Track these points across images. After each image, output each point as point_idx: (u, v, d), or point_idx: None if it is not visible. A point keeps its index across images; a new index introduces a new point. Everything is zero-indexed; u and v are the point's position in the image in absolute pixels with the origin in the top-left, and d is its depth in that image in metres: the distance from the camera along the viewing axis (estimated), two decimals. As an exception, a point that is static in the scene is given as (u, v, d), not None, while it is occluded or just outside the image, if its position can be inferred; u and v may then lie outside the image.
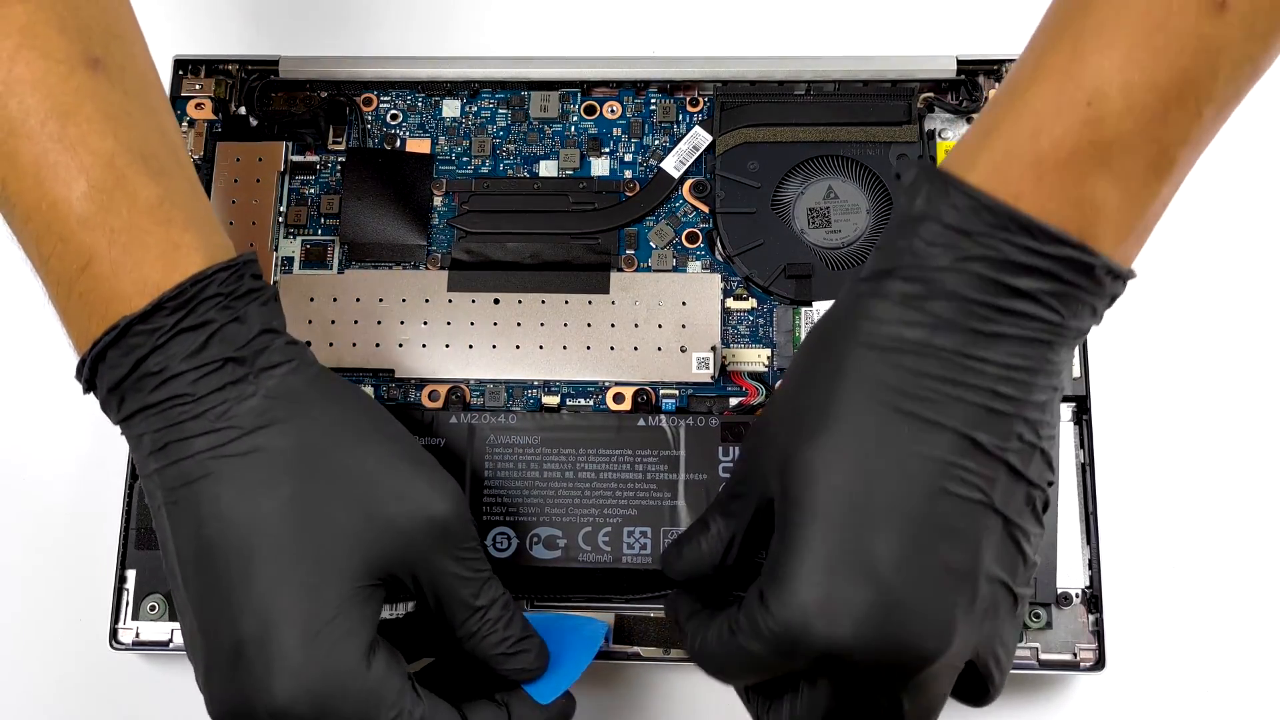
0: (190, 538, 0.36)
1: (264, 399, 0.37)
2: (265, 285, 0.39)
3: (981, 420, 0.33)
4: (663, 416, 0.47)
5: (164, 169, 0.37)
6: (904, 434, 0.33)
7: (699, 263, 0.50)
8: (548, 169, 0.51)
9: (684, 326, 0.48)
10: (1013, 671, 0.45)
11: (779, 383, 0.38)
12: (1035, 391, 0.33)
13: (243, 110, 0.52)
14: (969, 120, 0.50)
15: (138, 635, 0.46)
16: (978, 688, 0.37)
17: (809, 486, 0.34)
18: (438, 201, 0.51)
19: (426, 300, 0.49)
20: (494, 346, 0.48)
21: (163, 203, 0.37)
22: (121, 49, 0.38)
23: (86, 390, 0.38)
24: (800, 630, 0.33)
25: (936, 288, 0.33)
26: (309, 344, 0.40)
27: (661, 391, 0.48)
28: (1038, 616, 0.45)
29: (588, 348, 0.48)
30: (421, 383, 0.48)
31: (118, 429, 0.38)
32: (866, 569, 0.33)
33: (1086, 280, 0.33)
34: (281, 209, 0.51)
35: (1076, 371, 0.47)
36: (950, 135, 0.50)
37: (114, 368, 0.36)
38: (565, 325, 0.49)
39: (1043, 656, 0.45)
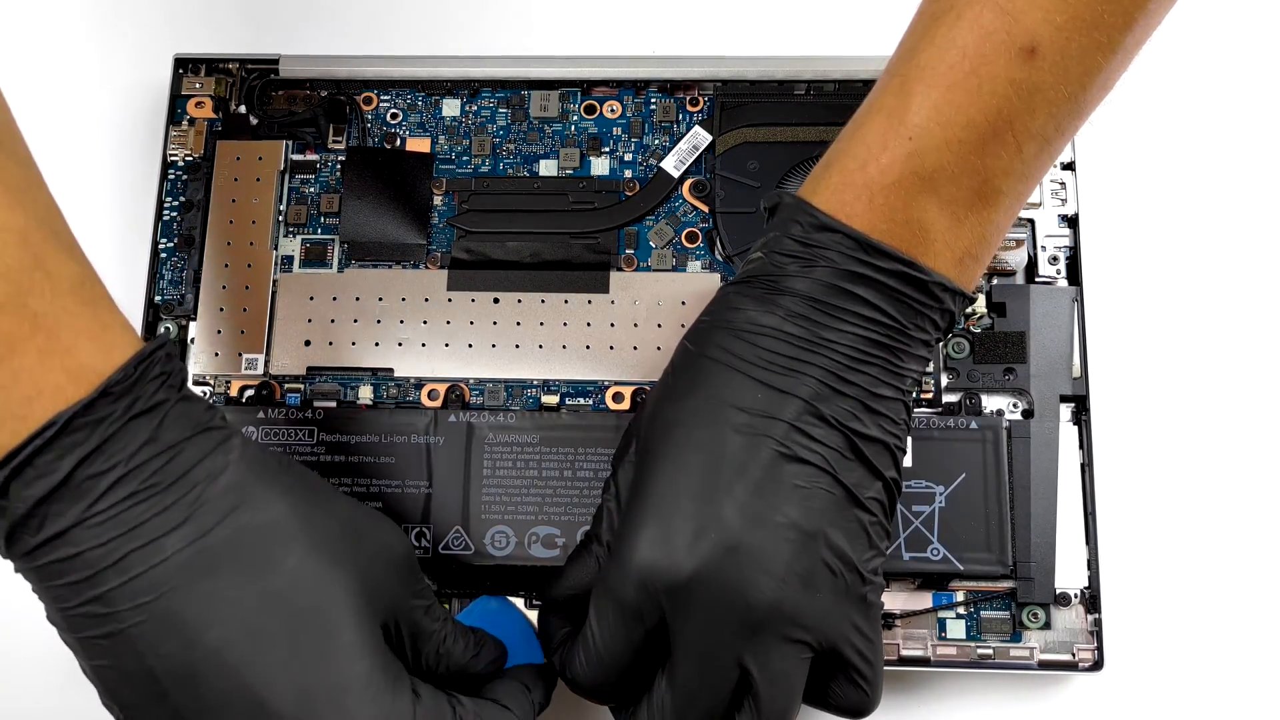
0: (181, 650, 0.32)
1: (234, 475, 0.34)
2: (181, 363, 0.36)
3: (825, 395, 0.36)
4: (662, 416, 0.47)
5: (74, 244, 0.33)
6: (757, 398, 0.36)
7: (699, 262, 0.50)
8: (548, 168, 0.51)
9: (684, 326, 0.48)
10: (1012, 672, 0.46)
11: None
12: (880, 387, 0.36)
13: (243, 109, 0.52)
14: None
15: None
16: (851, 691, 0.37)
17: (666, 437, 0.37)
18: (438, 201, 0.51)
19: (426, 300, 0.49)
20: (494, 346, 0.48)
21: (84, 281, 0.33)
22: (3, 110, 0.34)
23: None
24: (649, 565, 0.35)
25: (788, 289, 0.37)
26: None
27: (661, 391, 0.48)
28: (1036, 616, 0.45)
29: (587, 347, 0.48)
30: (421, 382, 0.48)
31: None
32: (711, 512, 0.35)
33: (920, 293, 0.36)
34: (281, 208, 0.51)
35: (1077, 371, 0.47)
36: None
37: (43, 476, 0.31)
38: (565, 325, 0.49)
39: (1041, 657, 0.45)
